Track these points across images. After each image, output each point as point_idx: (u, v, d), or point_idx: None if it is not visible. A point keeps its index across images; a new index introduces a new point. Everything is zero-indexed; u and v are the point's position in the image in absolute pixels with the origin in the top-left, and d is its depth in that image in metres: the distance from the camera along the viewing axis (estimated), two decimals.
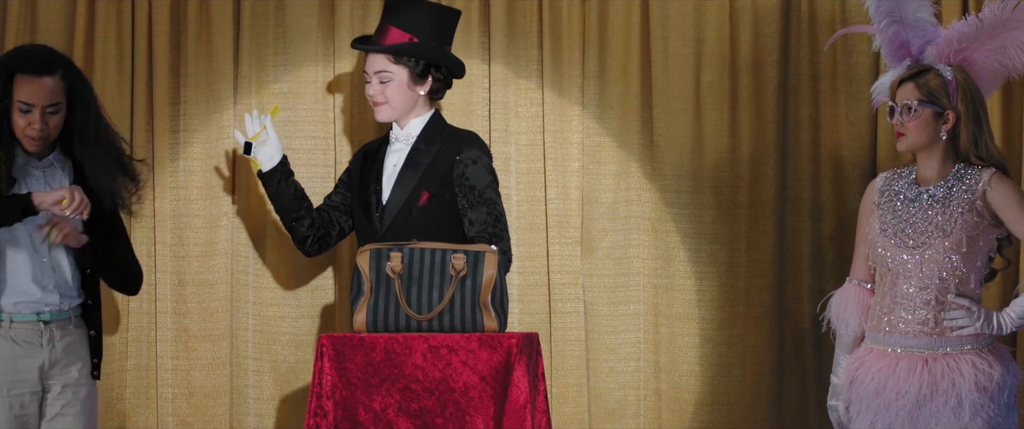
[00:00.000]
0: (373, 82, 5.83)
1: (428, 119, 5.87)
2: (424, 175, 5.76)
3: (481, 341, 5.32)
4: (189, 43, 6.35)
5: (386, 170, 5.85)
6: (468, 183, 5.75)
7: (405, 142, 5.85)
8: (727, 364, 6.28)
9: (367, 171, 5.90)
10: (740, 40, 6.29)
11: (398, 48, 5.79)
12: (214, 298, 6.35)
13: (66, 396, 5.24)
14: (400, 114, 5.84)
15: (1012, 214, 5.04)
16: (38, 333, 5.20)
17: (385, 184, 5.83)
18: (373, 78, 5.83)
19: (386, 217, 5.78)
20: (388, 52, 5.80)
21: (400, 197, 5.77)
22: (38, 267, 5.21)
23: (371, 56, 5.83)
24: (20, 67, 5.23)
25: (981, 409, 5.02)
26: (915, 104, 5.10)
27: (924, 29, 5.23)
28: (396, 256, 5.43)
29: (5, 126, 5.22)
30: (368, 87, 5.85)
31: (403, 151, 5.84)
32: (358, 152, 6.02)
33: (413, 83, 5.81)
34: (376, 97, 5.82)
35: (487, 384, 5.30)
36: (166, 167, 6.35)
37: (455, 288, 5.40)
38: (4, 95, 5.20)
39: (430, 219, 5.75)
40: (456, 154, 5.76)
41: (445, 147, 5.79)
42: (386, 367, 5.33)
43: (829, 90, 6.30)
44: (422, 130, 5.84)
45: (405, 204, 5.75)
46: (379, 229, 5.77)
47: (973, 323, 5.04)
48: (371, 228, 5.80)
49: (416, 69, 5.80)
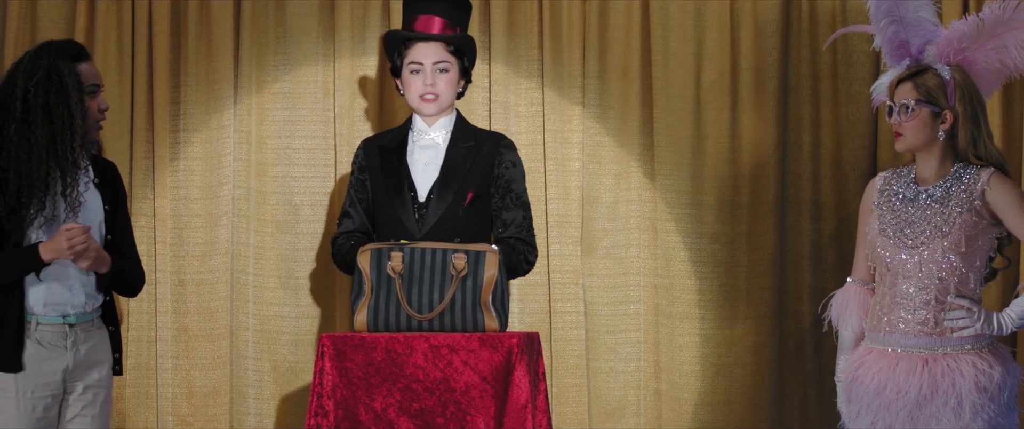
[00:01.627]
0: (428, 73, 5.65)
1: (455, 118, 5.76)
2: (468, 174, 5.65)
3: (482, 341, 5.32)
4: (189, 43, 6.35)
5: (415, 168, 5.70)
6: (508, 185, 5.68)
7: (435, 139, 5.71)
8: (727, 364, 6.28)
9: (392, 169, 5.73)
10: (740, 40, 6.30)
11: (463, 39, 5.69)
12: (214, 297, 6.36)
13: (87, 397, 5.24)
14: (442, 109, 5.70)
15: (1012, 214, 5.04)
16: (63, 336, 5.19)
17: (419, 181, 5.68)
18: (430, 69, 5.65)
19: (428, 217, 5.65)
20: (454, 42, 5.66)
21: (445, 197, 5.64)
22: (63, 269, 5.19)
23: (424, 46, 5.66)
24: (81, 54, 5.22)
25: (981, 409, 5.01)
26: (912, 104, 5.10)
27: (924, 28, 5.23)
28: (397, 256, 5.43)
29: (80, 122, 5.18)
30: (416, 78, 5.67)
31: (435, 148, 5.70)
32: (368, 149, 5.81)
33: (460, 78, 5.71)
34: (432, 89, 5.65)
35: (488, 384, 5.30)
36: (166, 166, 6.35)
37: (456, 288, 5.40)
38: (80, 86, 5.17)
39: (472, 219, 5.67)
40: (495, 155, 5.67)
41: (481, 146, 5.70)
42: (387, 367, 5.33)
43: (829, 90, 6.30)
44: (454, 129, 5.72)
45: (450, 205, 5.63)
46: (418, 230, 5.65)
47: (973, 323, 5.04)
48: (405, 229, 5.65)
49: (466, 64, 5.72)
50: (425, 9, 5.67)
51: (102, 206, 5.28)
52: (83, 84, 5.16)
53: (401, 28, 5.75)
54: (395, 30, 5.78)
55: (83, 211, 5.20)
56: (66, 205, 5.13)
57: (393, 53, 5.72)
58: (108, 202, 5.29)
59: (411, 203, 5.65)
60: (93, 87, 5.20)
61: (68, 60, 5.15)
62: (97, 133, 5.27)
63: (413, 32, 5.68)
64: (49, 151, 5.10)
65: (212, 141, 6.37)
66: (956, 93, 5.10)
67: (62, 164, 5.11)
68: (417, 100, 5.67)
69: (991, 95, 5.26)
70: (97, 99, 5.22)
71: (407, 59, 5.67)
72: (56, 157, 5.10)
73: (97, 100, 5.22)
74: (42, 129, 5.09)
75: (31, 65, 5.15)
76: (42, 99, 5.10)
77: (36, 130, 5.09)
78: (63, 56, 5.15)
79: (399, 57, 5.70)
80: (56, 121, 5.10)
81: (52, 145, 5.10)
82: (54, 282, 5.18)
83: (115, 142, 6.23)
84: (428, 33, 5.65)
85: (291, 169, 6.38)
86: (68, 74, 5.12)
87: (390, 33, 5.76)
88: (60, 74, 5.12)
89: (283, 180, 6.38)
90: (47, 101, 5.10)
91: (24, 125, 5.10)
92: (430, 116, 5.70)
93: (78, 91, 5.13)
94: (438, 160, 5.68)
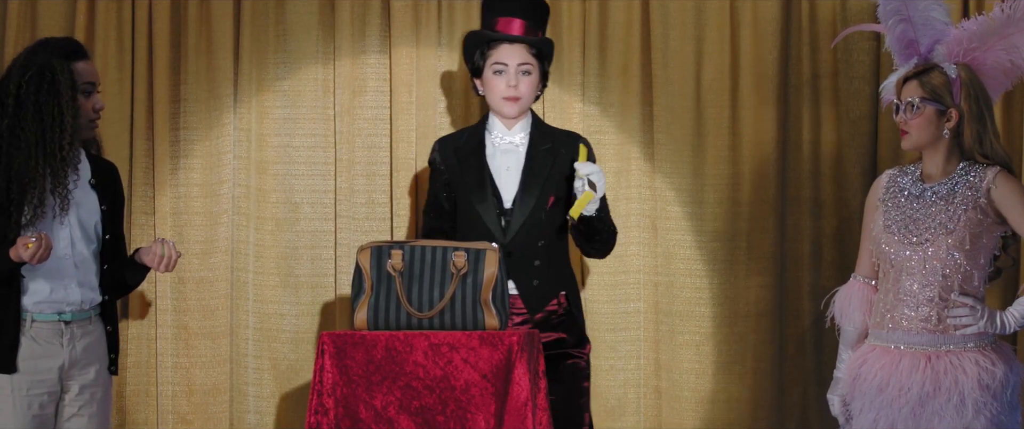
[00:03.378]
0: (512, 74, 5.63)
1: (532, 120, 5.74)
2: (548, 178, 5.64)
3: (482, 339, 5.31)
4: (189, 41, 6.35)
5: (498, 173, 5.70)
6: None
7: (514, 142, 5.70)
8: (727, 362, 6.28)
9: (474, 173, 5.71)
10: (741, 38, 6.30)
11: (545, 43, 5.69)
12: (214, 296, 6.35)
13: (84, 397, 5.23)
14: (523, 111, 5.69)
15: (1017, 212, 5.04)
16: (59, 333, 5.19)
17: (502, 185, 5.68)
18: (514, 70, 5.64)
19: (513, 223, 5.64)
20: (537, 45, 5.67)
21: (528, 202, 5.63)
22: (60, 266, 5.18)
23: (508, 47, 5.64)
24: (77, 53, 5.20)
25: (984, 407, 5.01)
26: (917, 102, 5.10)
27: (934, 28, 5.23)
28: (397, 254, 5.42)
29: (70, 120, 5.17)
30: (499, 79, 5.65)
31: (516, 152, 5.69)
32: (444, 150, 5.78)
33: (540, 81, 5.71)
34: (515, 90, 5.64)
35: (488, 382, 5.30)
36: (166, 164, 6.35)
37: (456, 286, 5.40)
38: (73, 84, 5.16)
39: (555, 222, 5.66)
40: (574, 156, 5.62)
41: (559, 148, 5.68)
42: (387, 365, 5.32)
43: (830, 88, 6.30)
44: (531, 131, 5.70)
45: (535, 208, 5.62)
46: (503, 235, 5.65)
47: (976, 321, 5.04)
48: (490, 233, 5.64)
49: (545, 67, 5.72)
50: (508, 11, 5.67)
51: (99, 206, 5.27)
52: (77, 82, 5.14)
53: (481, 28, 5.74)
54: (479, 30, 5.75)
55: (77, 210, 5.20)
56: (56, 202, 5.12)
57: (474, 53, 5.71)
58: (105, 202, 5.28)
59: (495, 208, 5.65)
60: (88, 86, 5.18)
61: (62, 58, 5.13)
62: (92, 132, 5.25)
63: (498, 33, 5.67)
64: (38, 148, 5.09)
65: (212, 139, 6.36)
66: (962, 91, 5.10)
67: (51, 161, 5.10)
68: (499, 101, 5.66)
69: (1000, 95, 5.27)
70: (92, 98, 5.20)
71: (491, 60, 5.66)
72: (45, 154, 5.09)
73: (92, 99, 5.20)
74: (32, 126, 5.08)
75: (26, 62, 5.14)
76: (33, 96, 5.10)
77: (26, 127, 5.09)
78: (58, 54, 5.14)
79: (481, 57, 5.69)
80: (45, 118, 5.09)
81: (41, 142, 5.09)
82: (50, 280, 5.17)
83: (115, 140, 6.23)
84: (514, 35, 5.65)
85: (291, 167, 6.38)
86: (60, 72, 5.11)
87: (474, 33, 5.75)
88: (52, 71, 5.11)
89: (283, 178, 6.37)
90: (38, 98, 5.09)
91: (15, 121, 5.10)
92: (510, 118, 5.68)
93: (70, 89, 5.12)
94: (519, 164, 5.67)
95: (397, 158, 6.34)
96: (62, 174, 5.11)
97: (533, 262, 5.65)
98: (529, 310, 5.66)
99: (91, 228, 5.23)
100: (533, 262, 5.65)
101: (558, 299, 5.69)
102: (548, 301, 5.67)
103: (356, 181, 6.36)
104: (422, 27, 6.34)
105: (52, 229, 5.15)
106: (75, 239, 5.20)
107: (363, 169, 6.37)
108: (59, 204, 5.12)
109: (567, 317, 5.70)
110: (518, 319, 5.68)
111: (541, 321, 5.66)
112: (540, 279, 5.66)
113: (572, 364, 5.69)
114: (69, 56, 5.16)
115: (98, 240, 5.25)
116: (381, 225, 6.35)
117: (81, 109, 5.17)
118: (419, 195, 6.32)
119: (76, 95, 5.14)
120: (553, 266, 5.68)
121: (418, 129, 6.34)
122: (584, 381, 5.70)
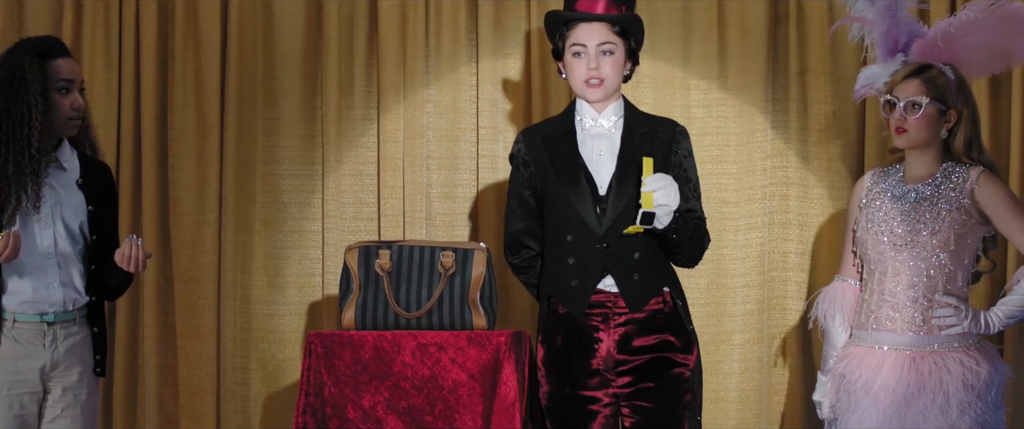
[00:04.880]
0: (591, 55, 5.16)
1: (624, 104, 5.28)
2: None
3: (470, 339, 5.32)
4: (177, 41, 6.35)
5: (590, 159, 5.22)
6: (685, 174, 5.22)
7: (605, 126, 5.24)
8: (714, 361, 6.28)
9: (565, 161, 5.24)
10: (728, 38, 6.30)
11: (628, 19, 5.20)
12: (201, 295, 6.35)
13: (67, 399, 5.22)
14: (609, 94, 5.22)
15: (1001, 213, 5.05)
16: (41, 334, 5.18)
17: (596, 171, 5.19)
18: (593, 51, 5.17)
19: (609, 211, 5.17)
20: (619, 21, 5.19)
21: (625, 188, 5.15)
22: (43, 267, 5.18)
23: (586, 27, 5.18)
24: (53, 50, 5.19)
25: (969, 407, 5.02)
26: (924, 101, 5.09)
27: (912, 25, 5.26)
28: (385, 254, 5.42)
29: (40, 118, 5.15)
30: (579, 62, 5.19)
31: (609, 137, 5.22)
32: (530, 141, 5.32)
33: (627, 60, 5.23)
34: (596, 73, 5.17)
35: (476, 382, 5.30)
36: (153, 164, 6.35)
37: (444, 286, 5.40)
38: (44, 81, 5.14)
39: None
40: (673, 142, 5.20)
41: (656, 132, 5.22)
42: (375, 365, 5.33)
43: (817, 87, 6.31)
44: (625, 115, 5.24)
45: (632, 197, 5.13)
46: (599, 224, 5.18)
47: (960, 321, 5.05)
48: (585, 223, 5.18)
49: (632, 45, 5.24)
50: None
51: (86, 206, 5.26)
52: (50, 80, 5.13)
53: (563, 8, 5.28)
54: (556, 11, 5.30)
55: (61, 209, 5.19)
56: (28, 200, 5.11)
57: (555, 35, 5.27)
58: (93, 203, 5.27)
59: (590, 196, 5.18)
60: (63, 83, 5.15)
61: (36, 56, 5.12)
62: (74, 130, 5.23)
63: (575, 12, 5.21)
64: (9, 146, 5.08)
65: (199, 139, 6.36)
66: (960, 94, 5.12)
67: (19, 160, 5.09)
68: (581, 85, 5.20)
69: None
70: (70, 96, 5.18)
71: (569, 41, 5.21)
72: (14, 152, 5.08)
73: (70, 97, 5.18)
74: (2, 125, 5.08)
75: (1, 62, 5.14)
76: (4, 95, 5.09)
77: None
78: (31, 53, 5.13)
79: (560, 39, 5.25)
80: (14, 117, 5.08)
81: (11, 140, 5.08)
82: (32, 280, 5.17)
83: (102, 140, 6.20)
84: (591, 13, 5.20)
85: (278, 167, 6.38)
86: (30, 70, 5.09)
87: (551, 13, 5.30)
88: (22, 69, 5.09)
89: (270, 178, 6.37)
90: (9, 97, 5.08)
91: None
92: (597, 102, 5.23)
93: (40, 87, 5.10)
94: (612, 149, 5.22)
95: (384, 158, 6.34)
96: (33, 172, 5.10)
97: (633, 254, 5.19)
98: (631, 307, 5.18)
99: (76, 228, 5.22)
100: (633, 254, 5.19)
101: (663, 296, 5.22)
102: (651, 297, 5.21)
103: (343, 181, 6.36)
104: (409, 26, 6.34)
105: (34, 228, 5.14)
106: (59, 239, 5.19)
107: (350, 169, 6.37)
108: (32, 202, 5.12)
109: (673, 316, 5.24)
110: (621, 319, 5.21)
111: (645, 321, 5.22)
112: (641, 273, 5.19)
113: (677, 374, 5.22)
114: (45, 54, 5.15)
115: (84, 241, 5.24)
116: (368, 225, 6.35)
117: (56, 107, 5.14)
118: (406, 196, 6.32)
119: (48, 93, 5.12)
120: (656, 258, 5.23)
121: (405, 129, 6.34)
122: (687, 394, 5.23)
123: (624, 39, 5.20)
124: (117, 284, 5.33)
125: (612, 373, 5.21)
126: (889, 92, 5.15)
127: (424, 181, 6.34)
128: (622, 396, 5.21)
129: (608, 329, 5.20)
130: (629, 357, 5.20)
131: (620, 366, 5.20)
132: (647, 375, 5.19)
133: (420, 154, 6.33)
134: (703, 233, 5.26)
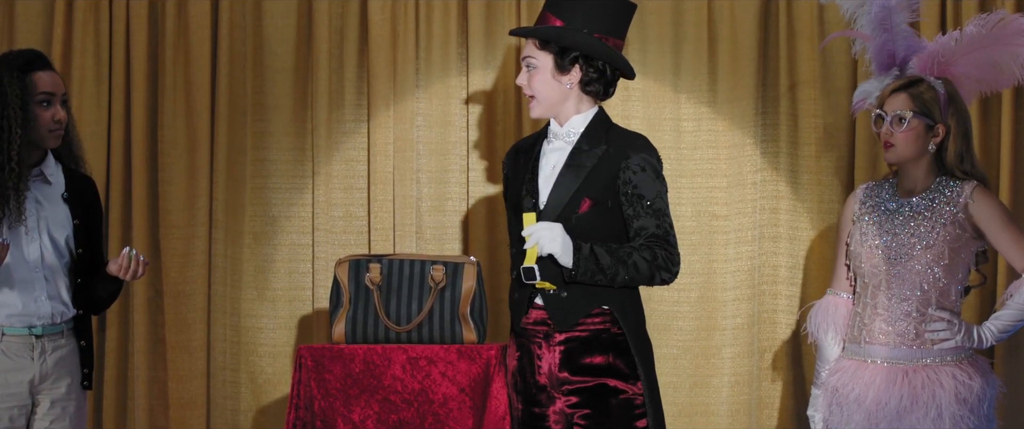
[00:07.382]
0: (522, 71, 5.17)
1: (591, 117, 5.15)
2: (586, 180, 5.06)
3: (460, 352, 5.32)
4: (167, 52, 6.35)
5: (543, 171, 5.16)
6: (636, 192, 5.06)
7: (565, 140, 5.15)
8: (705, 375, 6.28)
9: (520, 171, 5.20)
10: (719, 50, 6.30)
11: (540, 31, 5.10)
12: (191, 309, 6.34)
13: (55, 411, 5.21)
14: (549, 109, 5.13)
15: (995, 227, 5.06)
16: (29, 347, 5.17)
17: (542, 186, 5.13)
18: (522, 66, 5.16)
19: None
20: (529, 36, 5.13)
21: (558, 203, 5.07)
22: (31, 280, 5.17)
23: (525, 44, 5.18)
24: (34, 63, 5.19)
25: (961, 421, 5.03)
26: (909, 115, 5.09)
27: (910, 40, 5.26)
28: (375, 267, 5.42)
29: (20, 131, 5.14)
30: (519, 77, 5.19)
31: (563, 150, 5.14)
32: (510, 151, 5.33)
33: (558, 73, 5.10)
34: (524, 88, 5.15)
35: (466, 395, 5.30)
36: (143, 177, 6.34)
37: (434, 299, 5.40)
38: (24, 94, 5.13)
39: (591, 228, 5.05)
40: (623, 159, 5.06)
41: (611, 150, 5.09)
42: (365, 378, 5.32)
43: (808, 100, 6.31)
44: (585, 129, 5.13)
45: (564, 211, 5.06)
46: None
47: (953, 335, 5.06)
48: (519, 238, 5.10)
49: (560, 57, 5.09)
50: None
51: (71, 219, 5.25)
52: (31, 93, 5.13)
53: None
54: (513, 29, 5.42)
55: (47, 223, 5.18)
56: (10, 213, 5.11)
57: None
58: (78, 216, 5.26)
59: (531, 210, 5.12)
60: (44, 96, 5.15)
61: (16, 70, 5.12)
62: (56, 142, 5.22)
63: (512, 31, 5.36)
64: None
65: (189, 152, 6.35)
66: (949, 108, 5.11)
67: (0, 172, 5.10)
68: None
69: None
70: (52, 109, 5.17)
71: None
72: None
73: (52, 110, 5.17)
74: None
75: None
76: None
77: None
78: (12, 66, 5.13)
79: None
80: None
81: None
82: (20, 293, 5.16)
83: (91, 153, 6.20)
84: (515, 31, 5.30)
85: (268, 181, 6.37)
86: (10, 84, 5.10)
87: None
88: (2, 84, 5.10)
89: (260, 191, 6.37)
90: None
91: None
92: (548, 116, 5.19)
93: (19, 100, 5.10)
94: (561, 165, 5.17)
95: (375, 171, 6.33)
96: (15, 186, 5.10)
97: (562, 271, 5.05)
98: (557, 325, 5.07)
99: (62, 242, 5.21)
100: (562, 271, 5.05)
101: (605, 314, 5.08)
102: (580, 316, 5.07)
103: (333, 194, 6.36)
104: (399, 40, 6.33)
105: (22, 241, 5.14)
106: (45, 252, 5.18)
107: (340, 182, 6.36)
108: (15, 215, 5.11)
109: (619, 337, 5.08)
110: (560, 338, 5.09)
111: (589, 340, 5.08)
112: (571, 290, 5.05)
113: (625, 400, 5.06)
114: (25, 67, 5.15)
115: (70, 254, 5.24)
116: (358, 238, 6.35)
117: (36, 120, 5.14)
118: (396, 209, 6.31)
119: (29, 106, 5.12)
120: None
121: (396, 143, 6.34)
122: (640, 420, 5.06)
123: (553, 53, 5.09)
124: (107, 295, 5.33)
125: (558, 391, 5.09)
126: (879, 106, 5.16)
127: (414, 194, 6.33)
128: (571, 417, 5.09)
129: (550, 346, 5.10)
130: (571, 376, 5.07)
131: (565, 384, 5.08)
132: (593, 401, 5.06)
133: (410, 167, 6.33)
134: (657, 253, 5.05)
